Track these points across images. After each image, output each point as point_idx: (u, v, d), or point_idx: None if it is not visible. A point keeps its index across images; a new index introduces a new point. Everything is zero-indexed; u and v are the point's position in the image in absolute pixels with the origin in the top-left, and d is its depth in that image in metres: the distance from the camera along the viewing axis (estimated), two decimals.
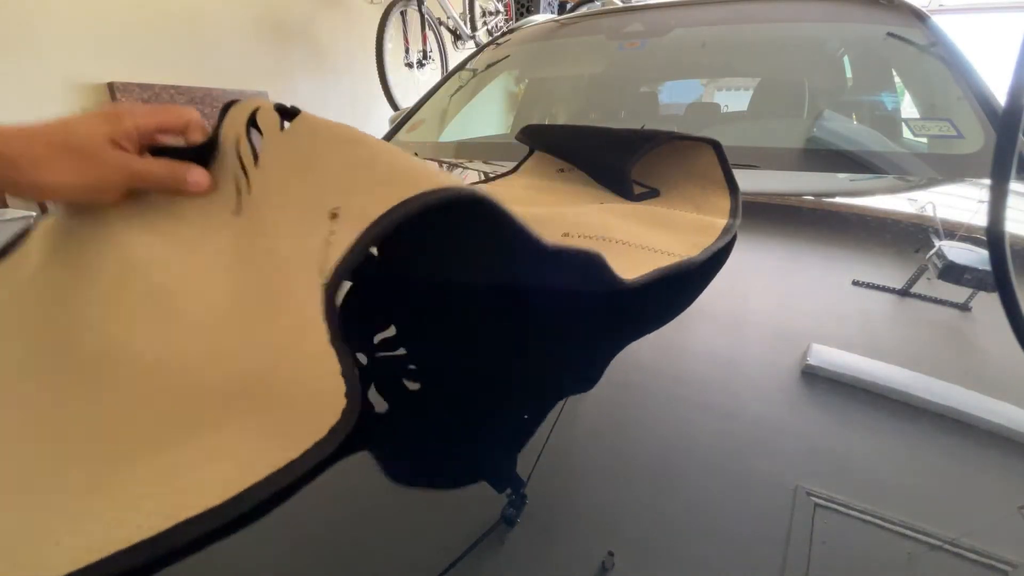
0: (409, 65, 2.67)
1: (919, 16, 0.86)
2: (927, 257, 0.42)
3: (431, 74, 2.73)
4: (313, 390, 0.22)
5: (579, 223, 0.39)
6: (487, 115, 1.31)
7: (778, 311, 0.36)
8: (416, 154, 0.90)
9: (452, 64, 1.54)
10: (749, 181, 0.54)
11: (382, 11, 2.42)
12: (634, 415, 0.27)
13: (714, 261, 0.39)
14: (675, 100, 1.11)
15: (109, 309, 0.27)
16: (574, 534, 0.20)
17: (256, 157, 0.33)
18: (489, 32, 3.17)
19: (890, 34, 0.85)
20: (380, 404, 0.27)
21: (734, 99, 1.14)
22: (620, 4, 2.21)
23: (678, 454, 0.24)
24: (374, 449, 0.24)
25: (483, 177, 0.68)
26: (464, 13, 3.05)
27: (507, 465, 0.24)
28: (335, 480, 0.24)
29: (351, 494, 0.23)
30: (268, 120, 0.33)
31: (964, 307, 0.33)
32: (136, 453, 0.22)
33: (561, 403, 0.27)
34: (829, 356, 0.29)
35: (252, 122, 0.34)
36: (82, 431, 0.23)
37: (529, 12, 3.46)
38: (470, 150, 0.96)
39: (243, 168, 0.33)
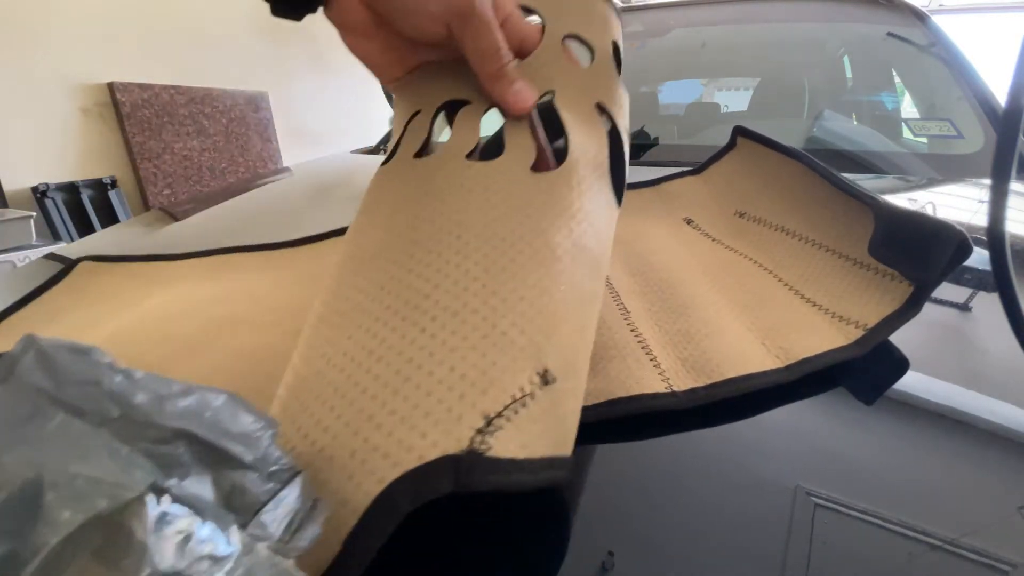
0: None
1: (919, 16, 0.86)
2: None
3: None
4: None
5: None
6: (487, 115, 1.31)
7: None
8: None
9: None
10: None
11: None
12: None
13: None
14: (675, 100, 1.11)
15: None
16: (574, 534, 0.20)
17: None
18: None
19: (890, 34, 0.85)
20: None
21: (734, 99, 1.15)
22: (620, 4, 2.21)
23: (678, 454, 0.24)
24: None
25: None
26: None
27: None
28: None
29: None
30: None
31: (964, 307, 0.33)
32: None
33: None
34: None
35: None
36: None
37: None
38: None
39: None
